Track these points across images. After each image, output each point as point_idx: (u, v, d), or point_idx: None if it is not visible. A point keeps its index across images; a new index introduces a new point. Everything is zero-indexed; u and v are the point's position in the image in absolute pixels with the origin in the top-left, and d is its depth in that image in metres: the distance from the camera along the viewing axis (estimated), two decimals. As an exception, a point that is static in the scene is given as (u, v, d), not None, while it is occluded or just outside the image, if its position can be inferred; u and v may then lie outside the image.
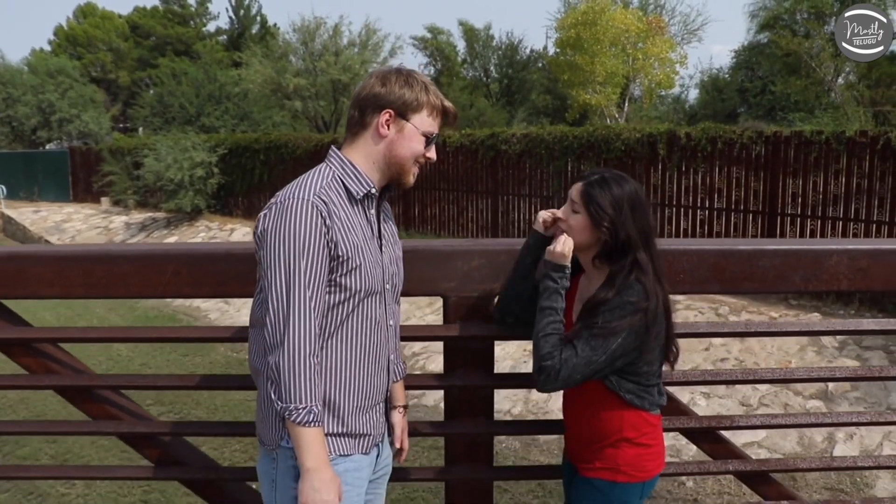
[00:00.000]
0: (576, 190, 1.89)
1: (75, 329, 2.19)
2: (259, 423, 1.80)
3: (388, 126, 1.74)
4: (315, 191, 1.67)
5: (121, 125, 37.64)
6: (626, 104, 22.97)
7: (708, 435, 2.21)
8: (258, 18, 41.32)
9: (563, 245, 1.86)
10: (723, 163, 9.89)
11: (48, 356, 2.15)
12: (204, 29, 42.38)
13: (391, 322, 1.86)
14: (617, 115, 21.79)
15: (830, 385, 6.54)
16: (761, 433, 5.99)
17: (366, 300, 1.75)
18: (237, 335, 2.09)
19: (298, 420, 1.62)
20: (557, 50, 23.09)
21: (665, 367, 1.95)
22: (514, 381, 2.09)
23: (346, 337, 1.74)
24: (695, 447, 2.29)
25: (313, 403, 1.63)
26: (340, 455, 1.75)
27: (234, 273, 2.03)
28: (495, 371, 2.16)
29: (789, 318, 8.18)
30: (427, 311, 9.82)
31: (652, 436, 1.93)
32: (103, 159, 22.97)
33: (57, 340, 2.19)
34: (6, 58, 35.56)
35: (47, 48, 40.50)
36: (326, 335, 1.71)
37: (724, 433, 2.24)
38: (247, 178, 18.50)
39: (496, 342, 2.15)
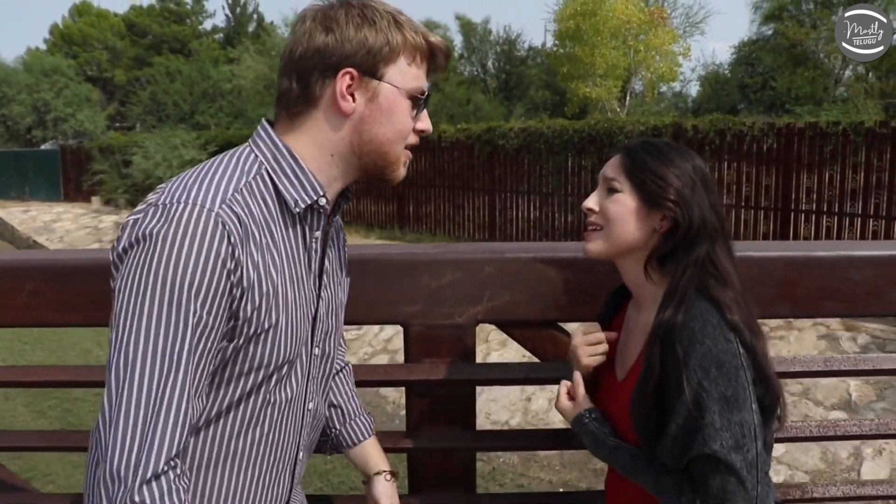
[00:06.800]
0: (612, 162, 1.25)
1: None
2: None
3: (353, 95, 1.07)
4: (226, 195, 1.00)
5: (117, 124, 37.30)
6: (628, 98, 22.42)
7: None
8: (254, 16, 40.90)
9: (563, 397, 1.31)
10: (732, 157, 9.55)
11: None
12: (200, 27, 42.15)
13: (311, 405, 1.20)
14: (618, 109, 21.24)
15: (854, 394, 6.05)
16: (780, 448, 5.48)
17: (274, 376, 1.09)
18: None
19: None
20: (556, 43, 22.54)
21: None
22: (500, 440, 1.50)
23: (233, 432, 1.08)
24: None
25: None
26: None
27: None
28: (477, 425, 1.55)
29: (840, 330, 7.48)
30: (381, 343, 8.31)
31: None
32: (93, 158, 22.53)
33: None
34: (1, 56, 35.40)
35: (43, 47, 40.31)
36: (199, 425, 1.05)
37: None
38: (237, 176, 18.08)
39: (478, 388, 1.55)
